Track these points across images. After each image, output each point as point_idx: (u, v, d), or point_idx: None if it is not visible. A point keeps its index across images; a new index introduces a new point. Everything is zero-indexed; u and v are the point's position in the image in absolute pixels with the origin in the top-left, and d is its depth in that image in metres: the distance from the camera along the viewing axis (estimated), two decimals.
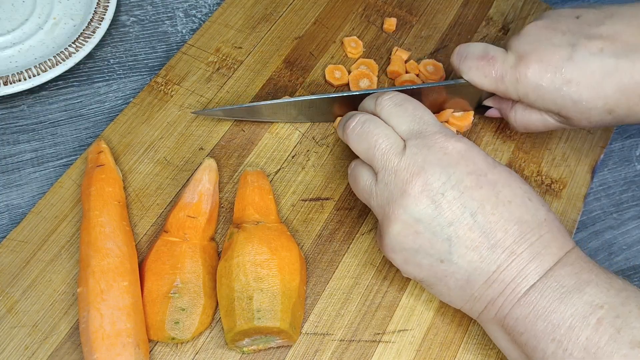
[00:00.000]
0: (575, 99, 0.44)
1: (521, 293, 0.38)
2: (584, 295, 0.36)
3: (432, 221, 0.38)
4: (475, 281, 0.39)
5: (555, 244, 0.39)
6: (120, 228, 0.44)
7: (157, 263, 0.44)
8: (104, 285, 0.41)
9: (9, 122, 0.52)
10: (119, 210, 0.45)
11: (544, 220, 0.39)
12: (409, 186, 0.39)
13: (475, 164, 0.39)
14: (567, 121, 0.46)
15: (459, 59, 0.48)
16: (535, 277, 0.38)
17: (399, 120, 0.42)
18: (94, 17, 0.55)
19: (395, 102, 0.43)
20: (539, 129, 0.49)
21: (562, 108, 0.45)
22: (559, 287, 0.37)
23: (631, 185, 0.55)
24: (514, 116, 0.49)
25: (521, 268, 0.38)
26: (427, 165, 0.39)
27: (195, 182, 0.47)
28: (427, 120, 0.41)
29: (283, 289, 0.42)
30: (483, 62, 0.47)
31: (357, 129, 0.42)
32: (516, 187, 0.40)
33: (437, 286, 0.41)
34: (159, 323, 0.42)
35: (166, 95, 0.53)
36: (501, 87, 0.47)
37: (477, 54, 0.47)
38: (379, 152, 0.41)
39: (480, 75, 0.47)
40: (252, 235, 0.43)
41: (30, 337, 0.43)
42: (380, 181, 0.40)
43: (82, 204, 0.46)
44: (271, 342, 0.43)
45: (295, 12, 0.59)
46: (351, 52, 0.57)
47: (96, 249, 0.42)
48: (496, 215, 0.38)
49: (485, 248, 0.38)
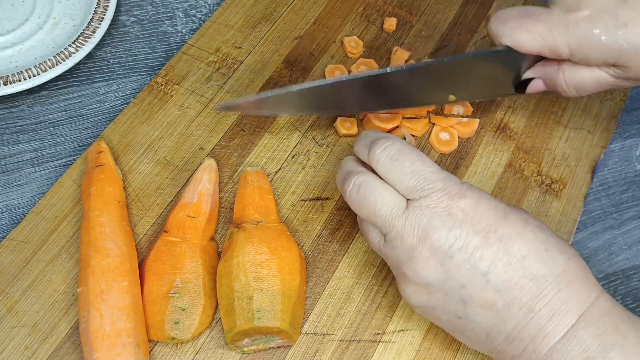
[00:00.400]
0: (634, 42, 0.40)
1: (543, 353, 0.36)
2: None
3: (443, 284, 0.37)
4: (495, 338, 0.37)
5: (575, 299, 0.36)
6: (120, 228, 0.44)
7: (157, 263, 0.44)
8: (104, 285, 0.41)
9: (9, 122, 0.52)
10: (119, 210, 0.45)
11: (562, 271, 0.36)
12: (415, 251, 0.37)
13: (482, 220, 0.37)
14: (625, 73, 0.43)
15: (498, 23, 0.44)
16: (557, 336, 0.35)
17: (397, 179, 0.39)
18: (94, 17, 0.55)
19: (391, 157, 0.39)
20: (592, 89, 0.45)
21: (619, 56, 0.41)
22: (582, 351, 0.35)
23: (631, 185, 0.55)
24: (563, 78, 0.45)
25: (540, 327, 0.36)
26: (431, 229, 0.37)
27: (195, 182, 0.47)
28: (427, 177, 0.38)
29: (283, 289, 0.42)
30: (526, 19, 0.43)
31: (353, 194, 0.40)
32: (531, 239, 0.37)
33: (459, 336, 0.40)
34: (159, 323, 0.42)
35: (166, 95, 0.53)
36: (549, 42, 0.42)
37: (518, 14, 0.43)
38: (380, 218, 0.38)
39: (524, 33, 0.42)
40: (252, 235, 0.43)
41: (30, 337, 0.43)
42: (388, 242, 0.39)
43: (82, 204, 0.46)
44: (271, 342, 0.43)
45: (295, 12, 0.59)
46: (351, 52, 0.57)
47: (96, 249, 0.42)
48: (509, 273, 0.36)
49: (501, 306, 0.36)
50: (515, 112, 0.56)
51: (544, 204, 0.52)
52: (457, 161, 0.53)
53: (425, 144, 0.53)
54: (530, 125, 0.55)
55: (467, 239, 0.36)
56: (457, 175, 0.52)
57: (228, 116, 0.53)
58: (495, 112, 0.56)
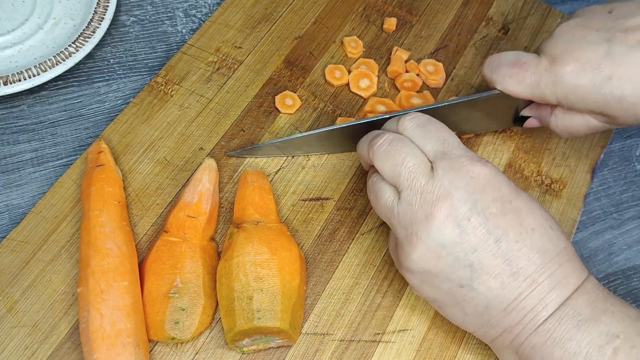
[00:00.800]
0: (618, 95, 0.42)
1: (540, 322, 0.37)
2: (600, 325, 0.37)
3: (456, 246, 0.38)
4: (494, 308, 0.38)
5: (574, 273, 0.38)
6: (120, 228, 0.44)
7: (157, 263, 0.44)
8: (104, 285, 0.41)
9: (9, 122, 0.52)
10: (119, 210, 0.45)
11: (563, 248, 0.39)
12: (434, 209, 0.38)
13: (500, 190, 0.39)
14: (612, 120, 0.44)
15: (491, 69, 0.47)
16: (555, 305, 0.37)
17: (423, 142, 0.41)
18: (94, 17, 0.55)
19: (417, 123, 0.41)
20: (583, 132, 0.47)
21: (605, 107, 0.43)
22: (575, 315, 0.37)
23: (631, 185, 0.55)
24: (555, 122, 0.47)
25: (542, 297, 0.37)
26: (454, 189, 0.38)
27: (195, 182, 0.47)
28: (451, 143, 0.40)
29: (283, 289, 0.42)
30: (516, 69, 0.45)
31: (384, 147, 0.41)
32: (539, 215, 0.39)
33: (451, 309, 0.40)
34: (159, 323, 0.42)
35: (166, 95, 0.53)
36: (537, 91, 0.45)
37: (509, 62, 0.46)
38: (406, 170, 0.39)
39: (514, 82, 0.45)
40: (252, 235, 0.43)
41: (30, 337, 0.43)
42: (404, 200, 0.39)
43: (82, 204, 0.46)
44: (271, 342, 0.43)
45: (295, 12, 0.59)
46: (351, 52, 0.57)
47: (96, 249, 0.42)
48: (519, 243, 0.38)
49: (507, 275, 0.37)
50: None
51: (544, 204, 0.52)
52: None
53: None
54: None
55: (486, 204, 0.38)
56: None
57: (228, 116, 0.53)
58: None
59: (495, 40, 0.60)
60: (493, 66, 0.47)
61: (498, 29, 0.61)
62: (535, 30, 0.61)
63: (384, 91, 0.56)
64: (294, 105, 0.54)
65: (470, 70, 0.58)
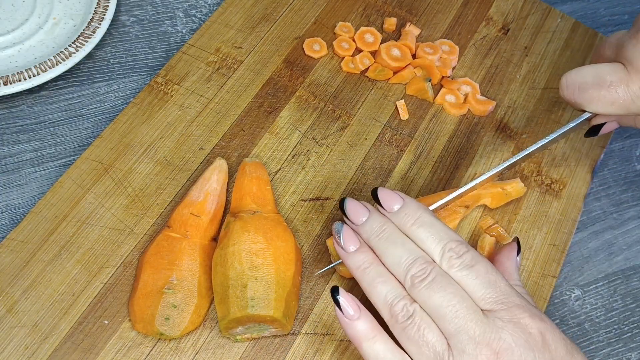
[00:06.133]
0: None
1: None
2: None
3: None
4: None
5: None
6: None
7: (156, 257, 0.44)
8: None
9: (9, 122, 0.52)
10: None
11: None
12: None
13: (557, 349, 0.37)
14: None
15: (572, 92, 0.44)
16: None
17: (474, 287, 0.38)
18: (94, 17, 0.55)
19: (465, 264, 0.38)
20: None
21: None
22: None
23: (631, 185, 0.55)
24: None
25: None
26: (516, 346, 0.36)
27: (203, 181, 0.47)
28: (503, 289, 0.38)
29: (277, 278, 0.42)
30: (604, 91, 0.43)
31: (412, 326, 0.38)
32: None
33: None
34: (150, 317, 0.42)
35: (166, 95, 0.53)
36: (633, 107, 0.43)
37: (593, 83, 0.43)
38: (459, 318, 0.37)
39: (607, 104, 0.43)
40: (248, 225, 0.44)
41: (30, 337, 0.43)
42: (456, 348, 0.36)
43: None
44: (265, 331, 0.43)
45: (295, 12, 0.59)
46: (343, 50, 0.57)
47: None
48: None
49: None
50: (515, 112, 0.56)
51: (544, 204, 0.52)
52: (457, 161, 0.53)
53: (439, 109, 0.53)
54: (530, 125, 0.56)
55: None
56: (457, 175, 0.52)
57: (228, 116, 0.53)
58: (495, 112, 0.56)
59: (495, 40, 0.60)
60: (574, 89, 0.44)
61: (498, 29, 0.61)
62: (535, 30, 0.61)
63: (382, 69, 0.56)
64: (321, 50, 0.57)
65: (470, 70, 0.58)
